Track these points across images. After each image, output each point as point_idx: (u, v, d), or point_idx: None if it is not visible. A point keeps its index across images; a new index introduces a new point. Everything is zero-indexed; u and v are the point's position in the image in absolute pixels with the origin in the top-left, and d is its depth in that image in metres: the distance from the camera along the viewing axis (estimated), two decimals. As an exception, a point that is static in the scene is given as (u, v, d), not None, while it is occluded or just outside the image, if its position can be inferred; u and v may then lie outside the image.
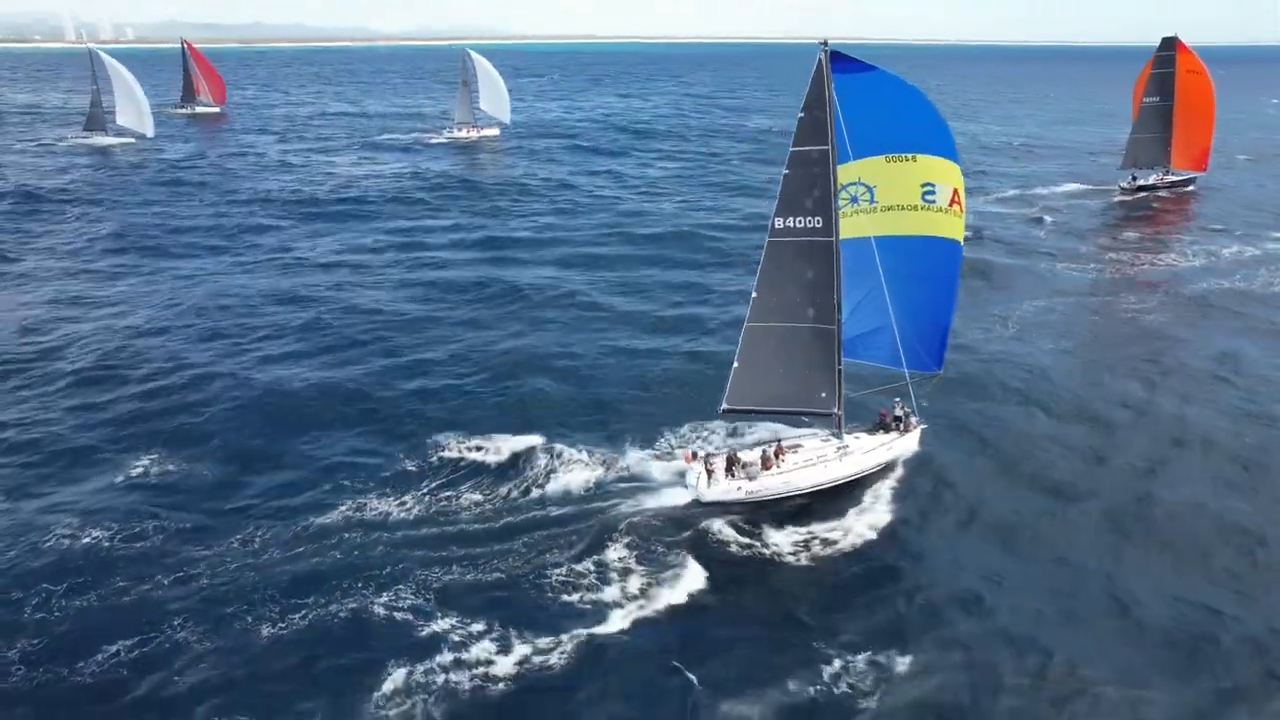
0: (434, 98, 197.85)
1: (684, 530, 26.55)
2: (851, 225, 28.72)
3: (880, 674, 21.16)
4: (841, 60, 27.39)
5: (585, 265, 58.45)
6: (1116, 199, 79.48)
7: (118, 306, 49.61)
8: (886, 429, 30.01)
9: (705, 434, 32.32)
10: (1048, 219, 70.88)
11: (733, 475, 27.41)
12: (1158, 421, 34.71)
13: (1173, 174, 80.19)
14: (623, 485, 28.93)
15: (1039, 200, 78.64)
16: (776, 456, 28.08)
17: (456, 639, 22.28)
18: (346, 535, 26.58)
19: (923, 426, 30.38)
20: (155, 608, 23.52)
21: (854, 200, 28.89)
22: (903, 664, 21.46)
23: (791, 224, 28.46)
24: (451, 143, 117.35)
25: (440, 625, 22.70)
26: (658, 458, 30.43)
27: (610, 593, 23.93)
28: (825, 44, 27.22)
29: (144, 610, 23.38)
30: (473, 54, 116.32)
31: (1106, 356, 42.07)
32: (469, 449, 31.49)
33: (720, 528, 26.70)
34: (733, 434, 32.28)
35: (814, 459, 28.27)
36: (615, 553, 25.38)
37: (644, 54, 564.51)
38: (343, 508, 28.07)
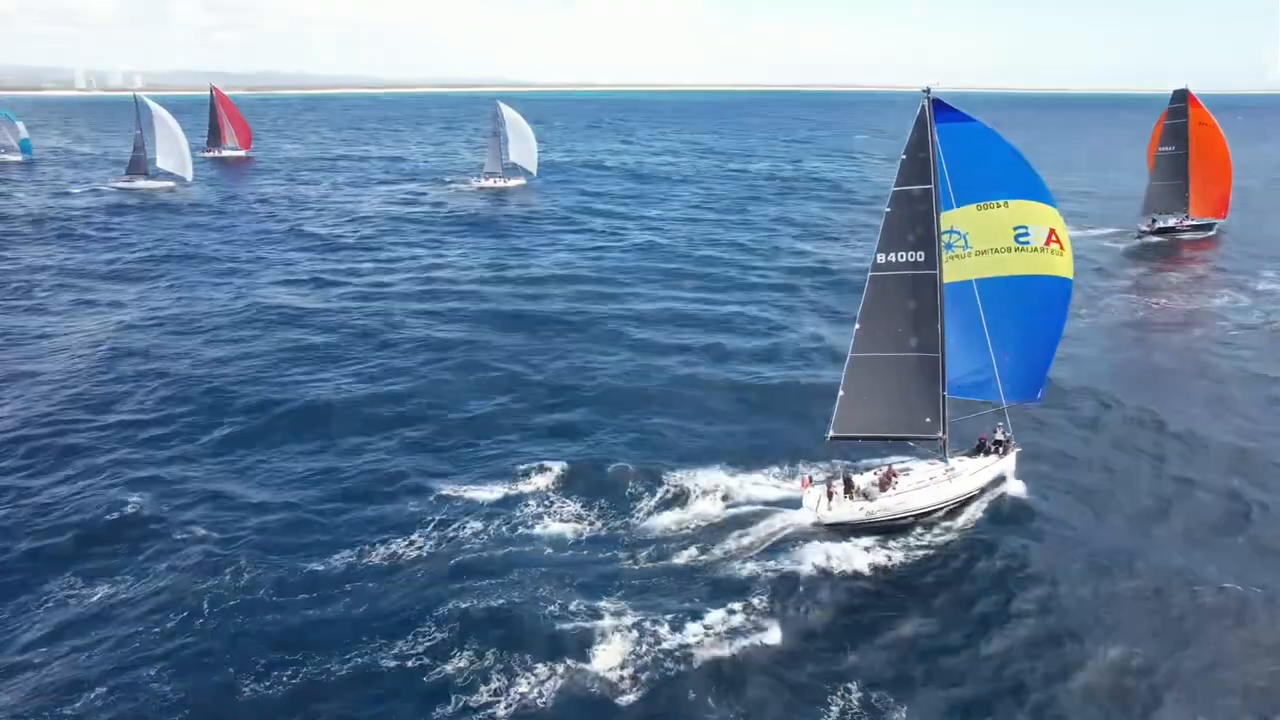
0: (441, 143, 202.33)
1: (803, 550, 27.79)
2: (949, 270, 30.55)
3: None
4: (941, 109, 29.55)
5: (621, 302, 60.84)
6: (1135, 241, 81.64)
7: (158, 336, 51.76)
8: (986, 452, 31.60)
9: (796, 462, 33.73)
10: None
11: (851, 498, 28.89)
12: (1203, 446, 36.30)
13: (1191, 220, 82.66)
14: (726, 511, 30.34)
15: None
16: (889, 480, 29.59)
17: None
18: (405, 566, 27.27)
19: (1018, 449, 31.98)
20: (135, 652, 22.91)
21: (949, 247, 30.73)
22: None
23: (894, 259, 30.39)
24: (480, 191, 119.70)
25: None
26: (752, 483, 31.89)
27: (727, 614, 24.90)
28: (928, 91, 29.43)
29: (121, 656, 22.78)
30: (503, 105, 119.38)
31: (1153, 386, 44.00)
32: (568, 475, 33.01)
33: (837, 547, 28.00)
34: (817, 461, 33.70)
35: (925, 481, 29.84)
36: (735, 578, 26.66)
37: (642, 101, 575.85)
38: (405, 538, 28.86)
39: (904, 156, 29.82)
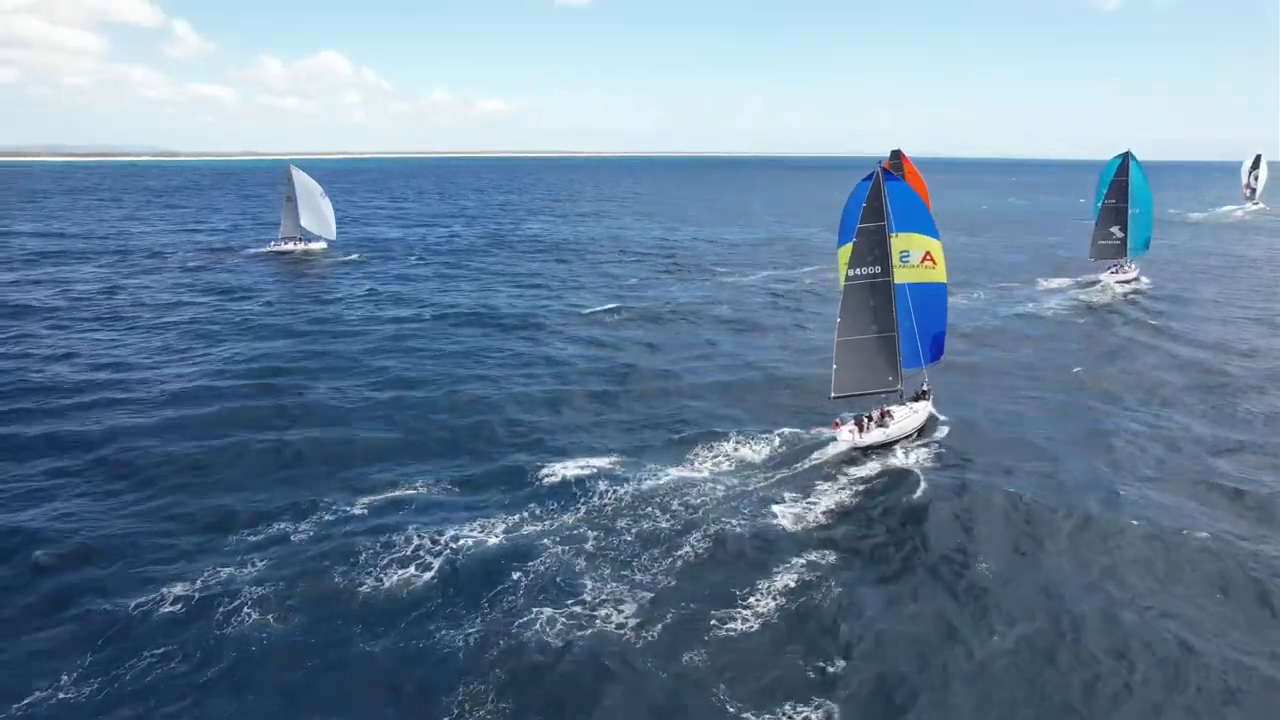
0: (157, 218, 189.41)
1: (852, 468, 41.47)
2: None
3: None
4: (886, 173, 45.37)
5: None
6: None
7: None
8: (918, 398, 47.62)
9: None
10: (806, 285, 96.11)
11: (872, 430, 43.16)
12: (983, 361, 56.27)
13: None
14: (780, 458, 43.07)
15: (790, 278, 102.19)
16: (886, 415, 44.41)
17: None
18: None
19: (932, 395, 48.50)
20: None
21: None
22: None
23: (860, 272, 45.51)
24: (274, 255, 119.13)
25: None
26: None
27: (825, 506, 38.15)
28: (880, 161, 45.34)
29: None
30: (295, 170, 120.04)
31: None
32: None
33: (871, 461, 42.03)
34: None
35: (905, 415, 45.11)
36: (817, 491, 39.60)
37: (328, 169, 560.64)
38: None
39: (865, 204, 45.03)
